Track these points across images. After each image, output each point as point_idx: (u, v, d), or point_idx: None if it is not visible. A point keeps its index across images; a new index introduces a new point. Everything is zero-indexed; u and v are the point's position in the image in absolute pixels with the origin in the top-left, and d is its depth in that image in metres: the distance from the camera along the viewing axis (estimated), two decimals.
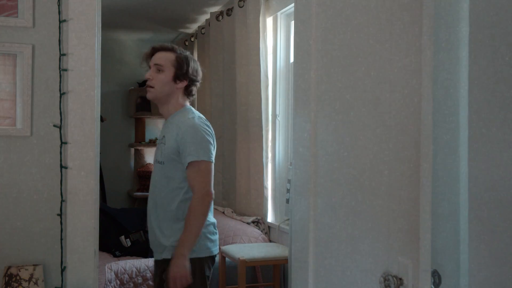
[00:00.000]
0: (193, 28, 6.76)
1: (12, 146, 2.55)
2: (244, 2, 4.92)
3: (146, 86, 2.65)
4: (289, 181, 4.24)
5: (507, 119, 1.11)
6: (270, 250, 3.90)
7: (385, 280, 1.36)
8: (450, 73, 1.27)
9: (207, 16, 6.04)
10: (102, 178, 5.73)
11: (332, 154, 1.68)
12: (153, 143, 6.98)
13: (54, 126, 2.58)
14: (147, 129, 7.31)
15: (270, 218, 4.70)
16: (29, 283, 2.44)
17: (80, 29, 2.58)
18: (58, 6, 2.58)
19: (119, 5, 5.57)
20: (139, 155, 7.26)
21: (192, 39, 6.79)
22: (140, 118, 7.17)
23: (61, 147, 2.58)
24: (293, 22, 3.29)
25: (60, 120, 2.58)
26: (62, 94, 2.58)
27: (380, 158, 1.46)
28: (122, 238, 4.73)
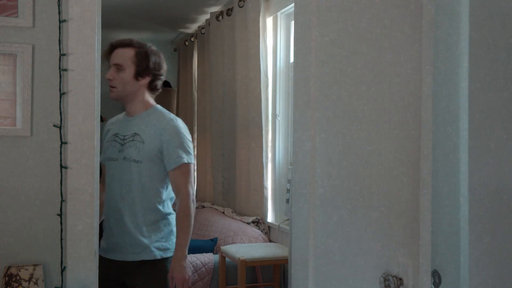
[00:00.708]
0: (193, 28, 6.76)
1: (12, 146, 2.55)
2: (244, 2, 4.92)
3: (109, 86, 2.64)
4: (289, 181, 4.24)
5: (507, 119, 1.11)
6: (270, 250, 3.90)
7: (385, 280, 1.36)
8: (450, 73, 1.27)
9: (207, 16, 6.04)
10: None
11: (332, 154, 1.68)
12: None
13: (54, 126, 2.57)
14: None
15: (270, 218, 4.70)
16: (29, 283, 2.44)
17: (80, 29, 2.58)
18: (58, 6, 2.57)
19: (119, 5, 5.57)
20: None
21: (192, 39, 6.79)
22: None
23: (61, 147, 2.58)
24: (293, 22, 3.29)
25: (60, 120, 2.58)
26: (62, 94, 2.58)
27: (380, 158, 1.46)
28: None
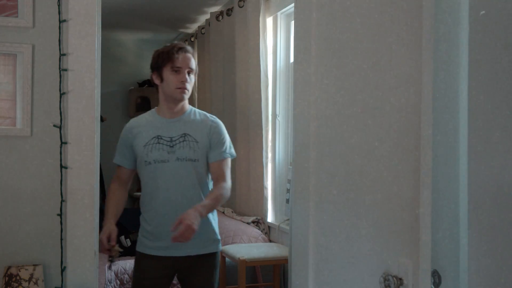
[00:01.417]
0: (193, 28, 6.75)
1: (12, 146, 2.55)
2: (244, 2, 4.91)
3: (181, 87, 2.65)
4: (289, 181, 4.24)
5: (507, 119, 1.11)
6: (270, 250, 3.90)
7: (385, 280, 1.36)
8: (450, 73, 1.27)
9: (207, 16, 6.03)
10: (102, 178, 5.72)
11: (332, 154, 1.68)
12: None
13: (54, 126, 2.58)
14: None
15: (270, 218, 4.70)
16: (29, 283, 2.43)
17: (80, 29, 2.58)
18: (58, 6, 2.57)
19: (119, 5, 5.56)
20: None
21: (192, 39, 6.78)
22: None
23: (61, 147, 2.58)
24: (293, 22, 3.29)
25: (60, 120, 2.58)
26: (62, 94, 2.58)
27: (380, 159, 1.46)
28: (122, 238, 4.72)
